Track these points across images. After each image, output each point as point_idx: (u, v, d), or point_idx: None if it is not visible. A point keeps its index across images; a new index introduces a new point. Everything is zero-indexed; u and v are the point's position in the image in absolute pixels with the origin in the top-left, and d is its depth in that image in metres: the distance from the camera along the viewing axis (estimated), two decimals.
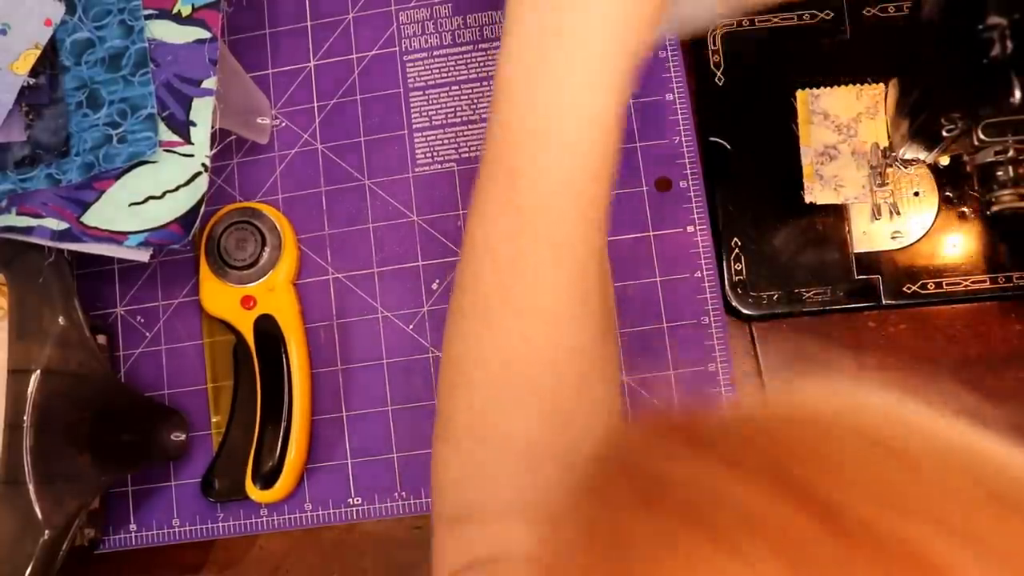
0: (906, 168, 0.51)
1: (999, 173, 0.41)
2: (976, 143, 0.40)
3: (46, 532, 0.45)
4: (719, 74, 0.54)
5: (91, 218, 0.46)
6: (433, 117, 0.55)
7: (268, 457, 0.50)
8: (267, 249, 0.51)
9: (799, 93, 0.52)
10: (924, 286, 0.51)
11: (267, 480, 0.50)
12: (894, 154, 0.50)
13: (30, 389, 0.46)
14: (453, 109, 0.55)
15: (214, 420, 0.53)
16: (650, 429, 0.25)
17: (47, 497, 0.46)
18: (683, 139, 0.53)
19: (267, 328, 0.51)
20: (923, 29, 0.44)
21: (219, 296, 0.52)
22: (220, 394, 0.53)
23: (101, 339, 0.52)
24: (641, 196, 0.53)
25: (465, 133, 0.54)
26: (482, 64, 0.55)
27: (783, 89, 0.53)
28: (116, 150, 0.47)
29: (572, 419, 0.34)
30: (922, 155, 0.47)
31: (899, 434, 0.21)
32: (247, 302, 0.51)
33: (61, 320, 0.48)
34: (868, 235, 0.52)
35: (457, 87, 0.55)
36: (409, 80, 0.55)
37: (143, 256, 0.47)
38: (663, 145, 0.53)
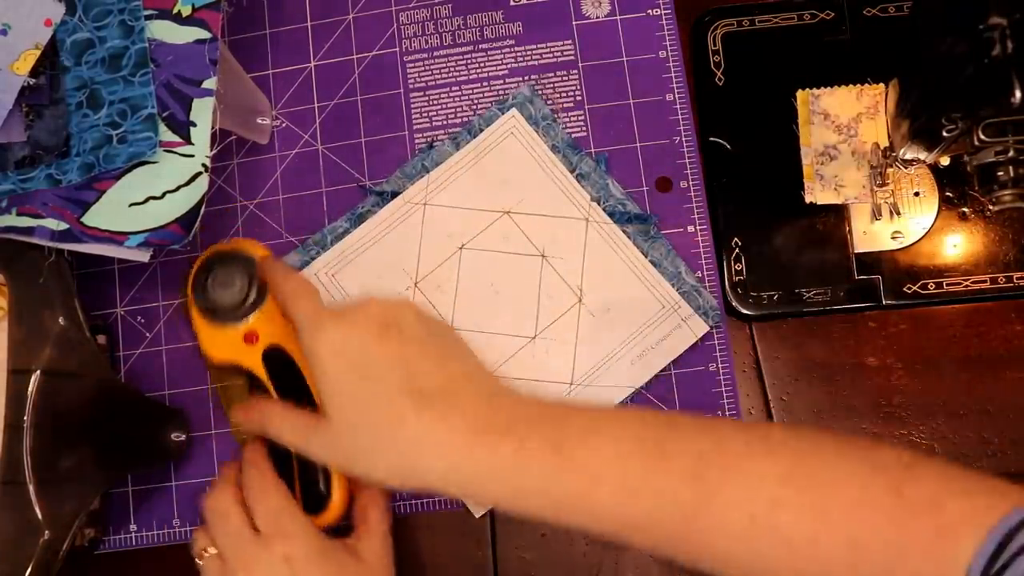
0: (906, 168, 0.51)
1: (999, 173, 0.41)
2: (976, 143, 0.40)
3: (46, 532, 0.45)
4: (719, 74, 0.54)
5: (91, 218, 0.46)
6: (434, 118, 0.55)
7: (312, 483, 0.47)
8: (255, 279, 0.49)
9: (799, 93, 0.52)
10: (924, 286, 0.51)
11: (317, 504, 0.47)
12: (894, 154, 0.50)
13: (30, 389, 0.46)
14: (454, 110, 0.55)
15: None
16: None
17: (47, 497, 0.46)
18: (683, 139, 0.53)
19: (277, 358, 0.48)
20: (923, 29, 0.44)
21: (220, 341, 0.49)
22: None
23: (101, 339, 0.52)
24: (641, 196, 0.53)
25: None
26: (482, 64, 0.55)
27: (783, 89, 0.53)
28: (116, 150, 0.47)
29: None
30: (922, 155, 0.47)
31: None
32: (250, 338, 0.48)
33: (61, 320, 0.48)
34: (868, 235, 0.52)
35: (458, 88, 0.55)
36: (409, 80, 0.55)
37: (143, 256, 0.47)
38: (663, 145, 0.53)
